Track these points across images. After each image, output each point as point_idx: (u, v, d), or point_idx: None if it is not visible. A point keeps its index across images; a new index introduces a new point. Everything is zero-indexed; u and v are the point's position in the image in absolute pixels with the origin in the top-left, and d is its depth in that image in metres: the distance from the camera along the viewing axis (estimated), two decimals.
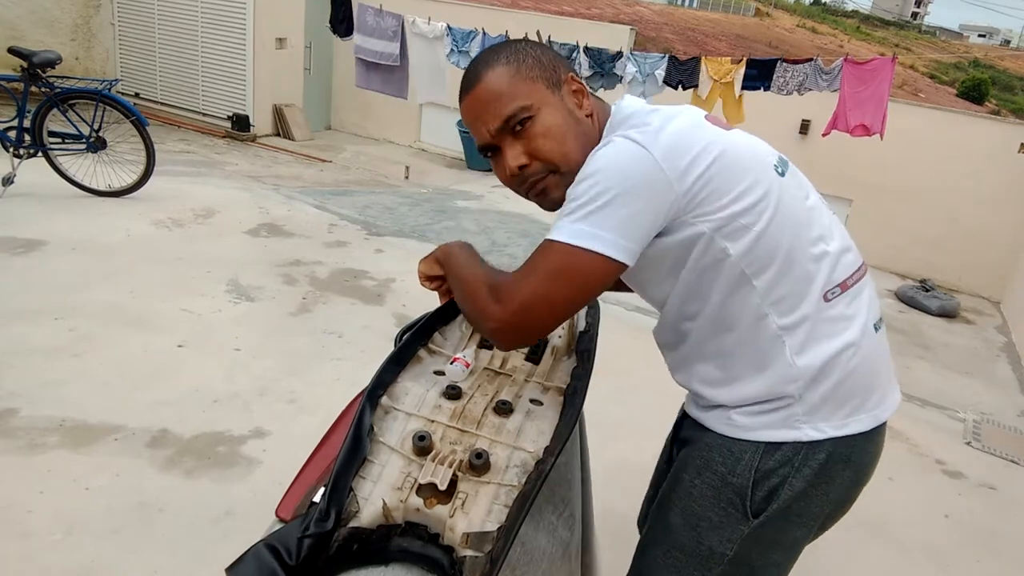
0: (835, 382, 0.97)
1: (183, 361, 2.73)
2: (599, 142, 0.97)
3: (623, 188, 0.87)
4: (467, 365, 1.06)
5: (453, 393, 0.98)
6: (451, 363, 1.06)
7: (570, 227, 0.88)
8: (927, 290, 5.79)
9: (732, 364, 1.00)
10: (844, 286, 0.99)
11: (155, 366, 2.66)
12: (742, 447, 0.99)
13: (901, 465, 2.89)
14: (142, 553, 1.78)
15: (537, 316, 0.90)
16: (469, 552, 0.79)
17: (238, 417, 2.41)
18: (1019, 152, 6.04)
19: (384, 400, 0.97)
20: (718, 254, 0.93)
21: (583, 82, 1.04)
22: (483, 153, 1.04)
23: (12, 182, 4.08)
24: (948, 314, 5.54)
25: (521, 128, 0.98)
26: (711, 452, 1.02)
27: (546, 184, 1.01)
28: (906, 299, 5.73)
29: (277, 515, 0.91)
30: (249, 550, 0.78)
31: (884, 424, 1.03)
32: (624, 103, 1.04)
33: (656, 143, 0.89)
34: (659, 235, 0.93)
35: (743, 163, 0.93)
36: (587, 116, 1.03)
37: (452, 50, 6.30)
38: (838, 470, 0.99)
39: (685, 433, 1.13)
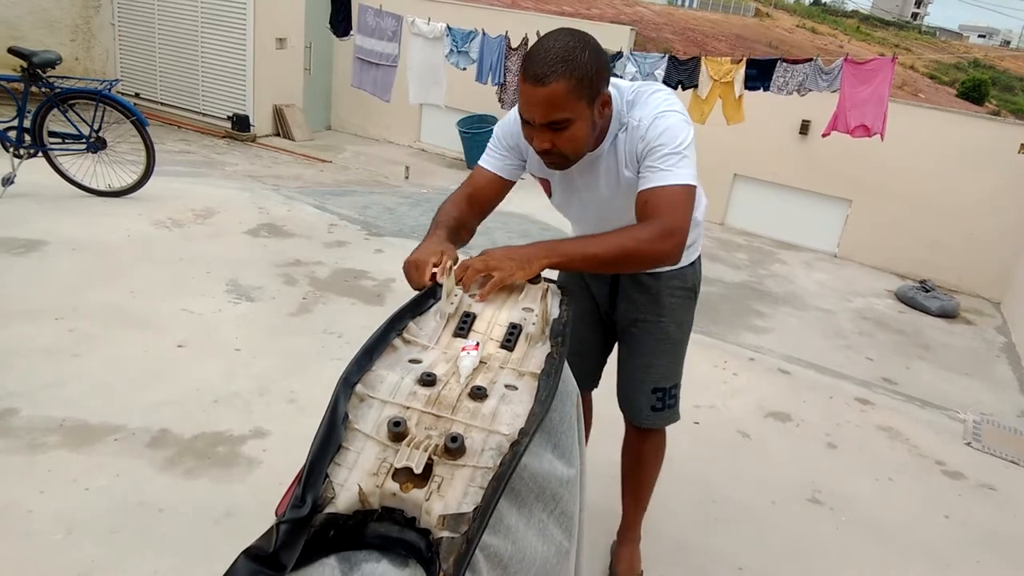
0: (699, 232, 1.74)
1: (183, 361, 2.73)
2: (611, 118, 1.40)
3: (693, 146, 1.38)
4: (476, 348, 1.06)
5: (428, 380, 0.98)
6: (462, 352, 1.05)
7: (686, 172, 1.35)
8: (927, 290, 5.78)
9: None
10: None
11: (155, 366, 2.66)
12: (685, 268, 1.74)
13: (901, 465, 2.89)
14: (142, 553, 1.78)
15: (687, 235, 1.36)
16: (445, 533, 0.79)
17: (238, 417, 2.41)
18: (1019, 152, 6.04)
19: (359, 388, 0.97)
20: None
21: (610, 91, 1.36)
22: (522, 119, 1.33)
23: (12, 182, 4.08)
24: (948, 314, 5.53)
25: (556, 127, 1.27)
26: (672, 280, 1.72)
27: (557, 161, 1.37)
28: (906, 299, 5.72)
29: (277, 515, 0.90)
30: (236, 560, 0.78)
31: None
32: (619, 89, 1.42)
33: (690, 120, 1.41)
34: None
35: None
36: (606, 115, 1.38)
37: (451, 50, 6.30)
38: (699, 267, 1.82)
39: (632, 283, 1.74)
